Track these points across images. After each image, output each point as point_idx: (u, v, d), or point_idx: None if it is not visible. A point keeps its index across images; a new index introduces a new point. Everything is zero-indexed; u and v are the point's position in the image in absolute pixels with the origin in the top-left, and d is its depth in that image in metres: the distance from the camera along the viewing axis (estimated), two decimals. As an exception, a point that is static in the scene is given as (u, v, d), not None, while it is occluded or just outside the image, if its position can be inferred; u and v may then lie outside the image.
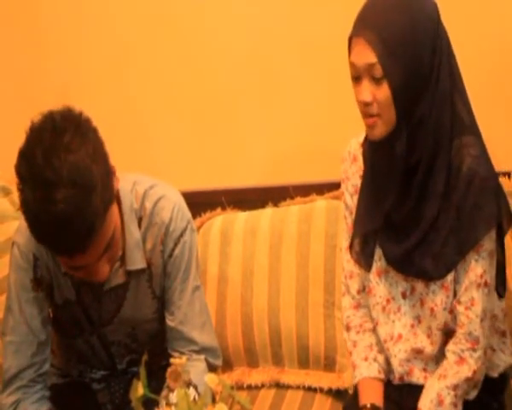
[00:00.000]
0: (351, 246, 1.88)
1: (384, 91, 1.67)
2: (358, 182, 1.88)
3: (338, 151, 1.97)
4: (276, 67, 2.50)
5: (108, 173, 1.70)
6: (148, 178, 1.94)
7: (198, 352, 1.91)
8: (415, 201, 1.74)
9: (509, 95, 2.37)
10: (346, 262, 1.94)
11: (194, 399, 1.44)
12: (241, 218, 2.44)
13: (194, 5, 2.51)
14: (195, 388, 1.56)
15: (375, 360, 1.88)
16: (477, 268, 1.74)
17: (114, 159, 1.83)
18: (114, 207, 1.74)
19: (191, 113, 2.56)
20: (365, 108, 1.70)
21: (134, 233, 1.87)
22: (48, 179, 1.58)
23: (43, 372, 1.92)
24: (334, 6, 2.40)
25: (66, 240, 1.62)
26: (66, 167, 1.59)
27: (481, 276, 1.74)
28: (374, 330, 1.91)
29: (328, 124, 2.47)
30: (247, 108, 2.53)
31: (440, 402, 1.76)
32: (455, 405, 1.77)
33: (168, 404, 1.45)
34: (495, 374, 1.87)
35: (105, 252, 1.72)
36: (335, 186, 2.36)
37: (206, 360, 1.92)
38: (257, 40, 2.49)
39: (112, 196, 1.71)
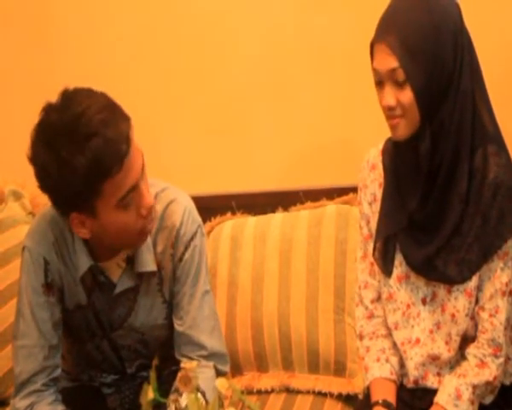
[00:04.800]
0: (373, 248, 1.88)
1: (407, 95, 1.68)
2: (377, 190, 1.89)
3: (348, 156, 1.97)
4: (286, 71, 2.50)
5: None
6: (159, 181, 1.94)
7: (207, 357, 1.90)
8: (437, 203, 1.75)
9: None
10: (361, 272, 1.94)
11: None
12: (251, 222, 2.44)
13: (205, 11, 2.52)
14: (203, 394, 1.56)
15: (387, 360, 1.88)
16: (502, 276, 1.75)
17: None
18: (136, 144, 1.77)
19: (201, 117, 2.57)
20: (389, 112, 1.72)
21: None
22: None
23: (55, 377, 1.92)
24: (346, 11, 2.40)
25: (114, 138, 1.67)
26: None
27: (506, 284, 1.76)
28: (387, 336, 1.90)
29: (338, 129, 2.46)
30: (257, 113, 2.54)
31: (458, 396, 1.76)
32: (472, 402, 1.77)
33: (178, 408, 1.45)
34: (507, 382, 1.86)
35: (143, 174, 1.74)
36: (345, 191, 2.36)
37: (215, 366, 1.91)
38: (268, 44, 2.50)
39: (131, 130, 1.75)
